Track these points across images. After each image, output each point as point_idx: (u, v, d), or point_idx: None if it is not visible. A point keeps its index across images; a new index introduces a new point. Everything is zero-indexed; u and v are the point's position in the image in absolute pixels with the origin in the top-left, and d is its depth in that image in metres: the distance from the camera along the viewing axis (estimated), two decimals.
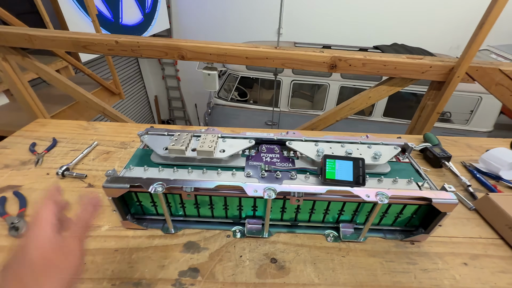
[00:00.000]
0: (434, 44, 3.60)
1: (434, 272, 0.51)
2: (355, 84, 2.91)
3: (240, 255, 0.52)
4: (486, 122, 2.82)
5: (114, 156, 0.78)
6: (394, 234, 0.57)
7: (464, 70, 1.16)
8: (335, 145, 0.60)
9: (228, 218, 0.57)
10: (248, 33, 4.29)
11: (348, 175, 0.51)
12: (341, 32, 4.12)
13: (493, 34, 1.09)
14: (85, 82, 2.55)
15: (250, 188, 0.48)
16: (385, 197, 0.47)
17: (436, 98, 1.29)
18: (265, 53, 1.28)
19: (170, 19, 4.29)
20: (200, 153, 0.55)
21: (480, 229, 0.60)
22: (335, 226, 0.58)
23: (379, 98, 1.38)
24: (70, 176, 0.68)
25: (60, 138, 0.83)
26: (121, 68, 4.15)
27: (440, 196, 0.48)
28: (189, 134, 0.59)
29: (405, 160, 0.62)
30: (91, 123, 0.92)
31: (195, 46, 1.32)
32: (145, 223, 0.56)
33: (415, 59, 1.21)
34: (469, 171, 0.78)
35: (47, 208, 0.32)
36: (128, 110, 4.54)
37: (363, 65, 1.23)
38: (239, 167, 0.57)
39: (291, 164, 0.58)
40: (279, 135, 0.64)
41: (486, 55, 3.14)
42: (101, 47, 1.38)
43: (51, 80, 1.58)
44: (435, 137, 0.87)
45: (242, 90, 3.45)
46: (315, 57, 1.25)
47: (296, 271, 0.50)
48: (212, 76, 1.52)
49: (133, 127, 0.92)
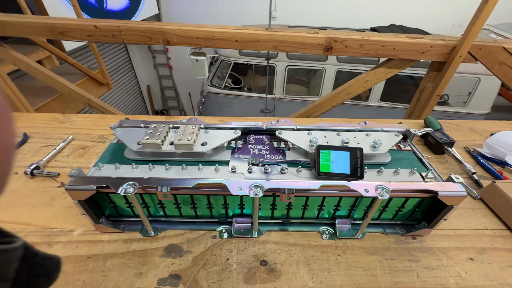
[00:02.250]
0: (435, 22, 3.48)
1: (438, 270, 0.47)
2: (352, 68, 2.82)
3: (227, 258, 0.47)
4: (484, 104, 2.77)
5: (91, 151, 0.71)
6: (395, 229, 0.53)
7: (467, 49, 1.09)
8: (330, 133, 0.55)
9: (213, 217, 0.52)
10: (242, 17, 4.12)
11: (344, 167, 0.46)
12: (337, 14, 3.97)
13: (492, 13, 1.02)
14: (70, 72, 2.43)
15: (234, 186, 0.42)
16: (386, 192, 0.42)
17: (436, 80, 1.23)
18: (256, 35, 1.19)
19: (159, 3, 4.09)
20: (179, 147, 0.49)
21: (486, 220, 0.56)
22: (330, 222, 0.53)
23: (377, 81, 1.31)
24: (41, 175, 0.62)
25: (32, 133, 0.76)
26: (109, 57, 3.99)
27: (447, 188, 0.43)
28: (166, 126, 0.52)
29: (406, 148, 0.57)
30: (67, 115, 0.85)
31: (180, 29, 1.22)
32: (122, 226, 0.51)
33: (415, 39, 1.14)
34: (473, 157, 0.73)
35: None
36: (120, 101, 4.41)
37: (360, 46, 1.16)
38: (224, 162, 0.51)
39: (282, 156, 0.52)
40: (268, 124, 0.58)
41: (485, 35, 3.05)
42: (80, 32, 1.29)
43: (30, 70, 1.48)
44: (437, 121, 0.82)
45: (236, 77, 3.35)
46: (309, 38, 1.17)
47: (288, 273, 0.46)
48: (200, 62, 1.43)
49: (113, 118, 0.86)
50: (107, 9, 3.01)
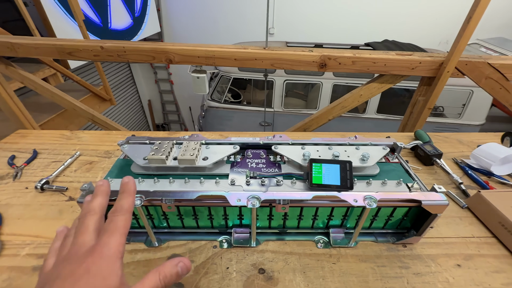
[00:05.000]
0: (424, 39, 3.62)
1: (427, 276, 0.49)
2: (348, 82, 2.91)
3: (227, 267, 0.50)
4: (478, 115, 2.84)
5: (97, 166, 0.75)
6: (386, 237, 0.56)
7: (454, 64, 1.15)
8: (322, 147, 0.59)
9: (214, 228, 0.55)
10: (240, 33, 4.27)
11: (335, 179, 0.50)
12: (333, 30, 4.13)
13: (482, 27, 1.09)
14: (74, 89, 2.51)
15: (233, 197, 0.46)
16: (373, 201, 0.45)
17: (427, 94, 1.29)
18: (254, 54, 1.26)
19: (161, 22, 4.25)
20: (182, 162, 0.52)
21: (473, 228, 0.59)
22: (325, 231, 0.56)
23: (370, 95, 1.37)
24: (50, 190, 0.66)
25: (41, 149, 0.80)
26: (112, 74, 4.11)
27: (430, 197, 0.46)
28: (170, 142, 0.56)
29: (394, 160, 0.60)
30: (74, 132, 0.89)
31: (182, 49, 1.29)
32: (127, 237, 0.54)
33: (404, 56, 1.20)
34: (461, 167, 0.77)
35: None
36: (121, 116, 4.49)
37: (353, 63, 1.22)
38: (224, 175, 0.55)
39: (278, 169, 0.56)
40: (265, 139, 0.62)
41: (475, 49, 3.17)
42: (87, 53, 1.35)
43: (37, 88, 1.55)
44: (426, 134, 0.86)
45: (235, 91, 3.43)
46: (305, 56, 1.23)
47: (285, 281, 0.48)
48: (201, 79, 1.49)
49: (118, 135, 0.90)
50: (111, 28, 3.14)
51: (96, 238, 0.29)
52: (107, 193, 0.35)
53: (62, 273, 0.26)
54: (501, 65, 1.15)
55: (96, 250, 0.27)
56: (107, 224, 0.30)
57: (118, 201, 0.32)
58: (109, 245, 0.28)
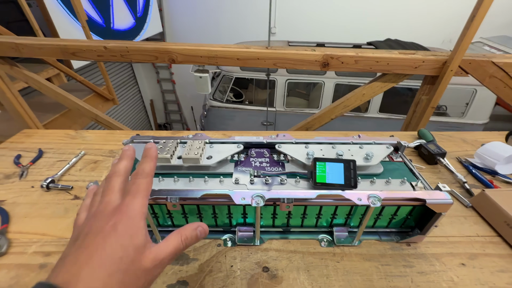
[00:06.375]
0: (427, 38, 3.60)
1: (431, 275, 0.49)
2: (350, 81, 2.90)
3: (231, 265, 0.50)
4: (482, 114, 2.82)
5: (102, 165, 0.76)
6: (390, 236, 0.56)
7: (457, 63, 1.15)
8: (326, 146, 0.59)
9: (218, 226, 0.56)
10: (242, 33, 4.27)
11: (339, 178, 0.50)
12: (335, 29, 4.11)
13: (486, 26, 1.08)
14: (77, 89, 2.52)
15: (237, 196, 0.46)
16: (377, 200, 0.45)
17: (430, 93, 1.28)
18: (256, 53, 1.26)
19: (163, 22, 4.26)
20: (186, 161, 0.53)
21: (477, 227, 0.59)
22: (328, 230, 0.56)
23: (373, 94, 1.36)
24: (56, 188, 0.66)
25: (47, 148, 0.81)
26: (115, 73, 4.12)
27: (434, 196, 0.46)
28: (174, 142, 0.57)
29: (398, 159, 0.60)
30: (79, 131, 0.90)
31: (185, 49, 1.30)
32: None
33: (407, 55, 1.20)
34: (465, 166, 0.76)
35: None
36: (124, 115, 4.51)
37: (356, 62, 1.22)
38: (228, 174, 0.55)
39: (281, 168, 0.56)
40: (268, 138, 0.62)
41: (479, 47, 3.14)
42: (90, 53, 1.36)
43: (41, 88, 1.56)
44: (430, 133, 0.86)
45: (237, 91, 3.44)
46: (307, 55, 1.23)
47: (289, 279, 0.48)
48: (204, 79, 1.50)
49: (122, 134, 0.90)
50: (114, 28, 3.15)
51: (121, 198, 0.31)
52: (132, 157, 0.37)
53: (92, 228, 0.28)
54: (505, 63, 1.14)
55: (121, 210, 0.29)
56: (130, 185, 0.32)
57: (140, 165, 0.34)
58: (133, 206, 0.29)
